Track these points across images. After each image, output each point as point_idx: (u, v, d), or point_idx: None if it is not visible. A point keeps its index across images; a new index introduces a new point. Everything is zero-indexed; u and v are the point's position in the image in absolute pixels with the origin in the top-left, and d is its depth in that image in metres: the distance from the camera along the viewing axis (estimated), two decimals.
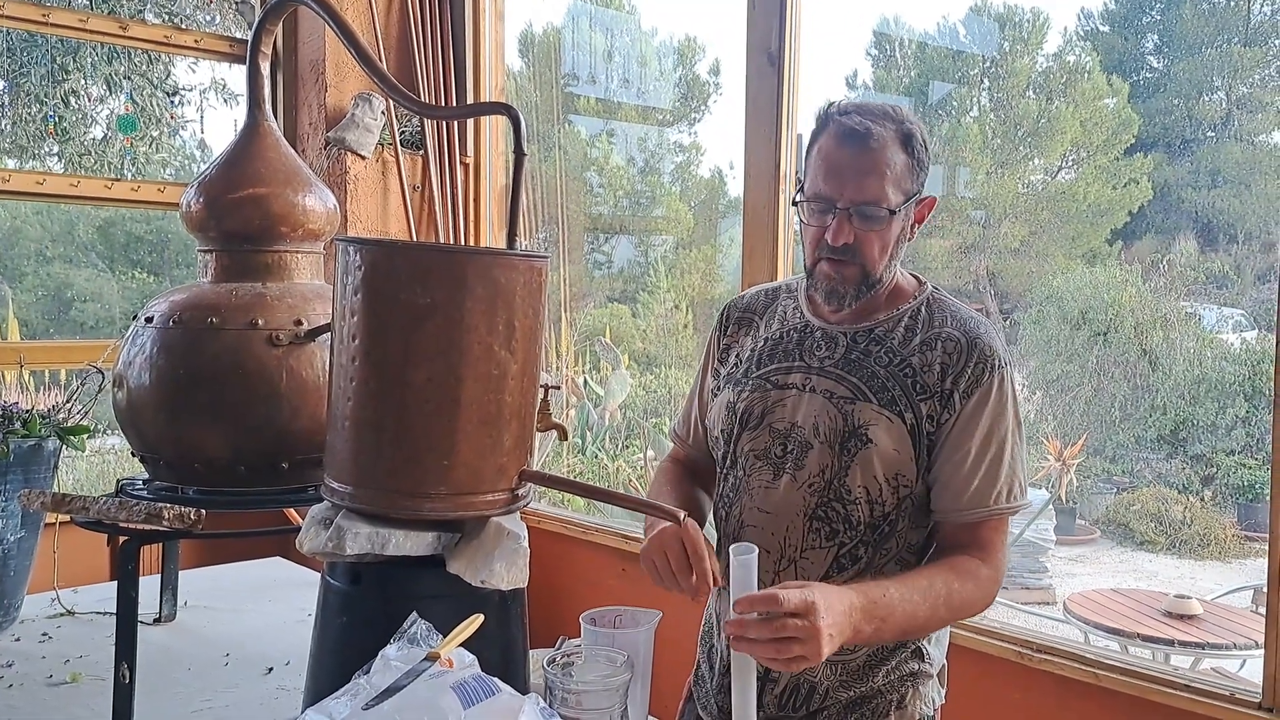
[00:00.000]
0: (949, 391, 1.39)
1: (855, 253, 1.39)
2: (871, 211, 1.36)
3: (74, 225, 8.48)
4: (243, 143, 1.72)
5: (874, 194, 1.35)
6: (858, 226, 1.37)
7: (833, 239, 1.38)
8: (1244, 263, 6.67)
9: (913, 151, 1.38)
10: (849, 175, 1.36)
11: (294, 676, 1.71)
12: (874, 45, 7.57)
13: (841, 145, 1.37)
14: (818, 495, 1.41)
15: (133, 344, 1.65)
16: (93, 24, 3.13)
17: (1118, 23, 7.40)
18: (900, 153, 1.37)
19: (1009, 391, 1.42)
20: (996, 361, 1.41)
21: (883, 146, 1.36)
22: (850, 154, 1.36)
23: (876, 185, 1.35)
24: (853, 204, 1.36)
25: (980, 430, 1.39)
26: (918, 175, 1.40)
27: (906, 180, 1.38)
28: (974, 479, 1.38)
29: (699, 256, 7.59)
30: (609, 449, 5.94)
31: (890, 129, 1.37)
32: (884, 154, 1.35)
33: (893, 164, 1.36)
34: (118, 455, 5.46)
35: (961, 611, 1.38)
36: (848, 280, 1.41)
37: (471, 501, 1.29)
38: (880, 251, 1.40)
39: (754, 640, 1.18)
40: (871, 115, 1.38)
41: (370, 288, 1.25)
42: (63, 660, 1.79)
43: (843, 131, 1.37)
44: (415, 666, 1.04)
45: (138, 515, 1.50)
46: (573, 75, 6.98)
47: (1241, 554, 5.82)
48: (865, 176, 1.35)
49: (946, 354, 1.41)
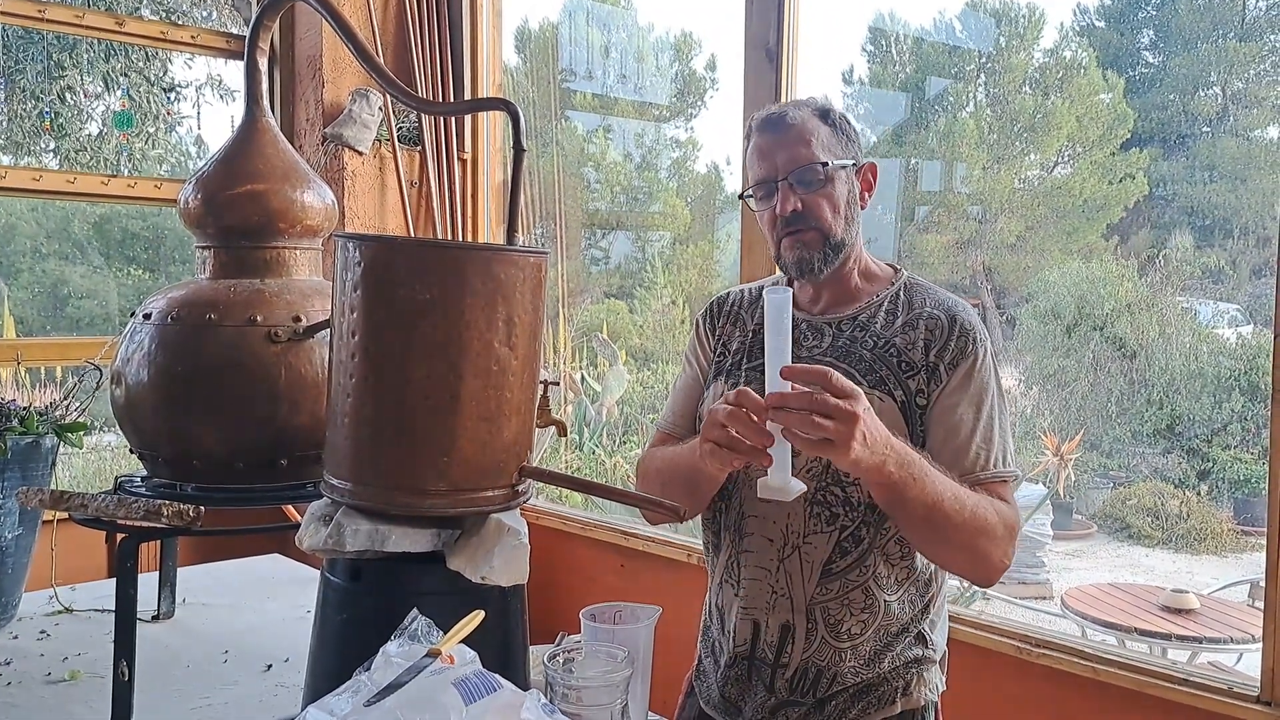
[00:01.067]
0: (934, 364, 1.43)
1: (808, 218, 1.45)
2: (808, 175, 1.45)
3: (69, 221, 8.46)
4: (241, 139, 1.72)
5: (805, 157, 1.45)
6: (801, 193, 1.45)
7: (781, 208, 1.45)
8: (1239, 257, 6.68)
9: (833, 123, 1.49)
10: (776, 151, 1.46)
11: (293, 674, 1.71)
12: (870, 41, 7.57)
13: (763, 132, 1.49)
14: (816, 480, 1.43)
15: (131, 341, 1.65)
16: (89, 20, 3.12)
17: (1113, 18, 7.40)
18: (821, 124, 1.47)
19: (991, 364, 1.46)
20: (977, 335, 1.46)
21: (802, 121, 1.47)
22: (774, 135, 1.47)
23: (805, 151, 1.45)
24: (788, 172, 1.45)
25: (970, 398, 1.42)
26: (846, 144, 1.49)
27: (835, 147, 1.48)
28: (971, 445, 1.41)
29: (696, 252, 7.59)
30: (606, 445, 5.94)
31: (805, 109, 1.49)
32: (805, 125, 1.47)
33: (816, 132, 1.47)
34: (114, 452, 5.46)
35: (980, 528, 1.34)
36: (810, 245, 1.47)
37: (472, 498, 1.28)
38: (832, 211, 1.46)
39: (792, 410, 1.18)
40: (785, 105, 1.53)
41: (370, 284, 1.24)
42: (61, 658, 1.78)
43: (762, 122, 1.50)
44: (417, 663, 1.04)
45: (136, 512, 1.50)
46: (569, 71, 6.97)
47: (1238, 548, 5.84)
48: (793, 146, 1.45)
49: (929, 331, 1.45)
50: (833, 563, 1.44)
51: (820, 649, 1.45)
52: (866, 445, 1.19)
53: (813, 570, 1.44)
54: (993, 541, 1.36)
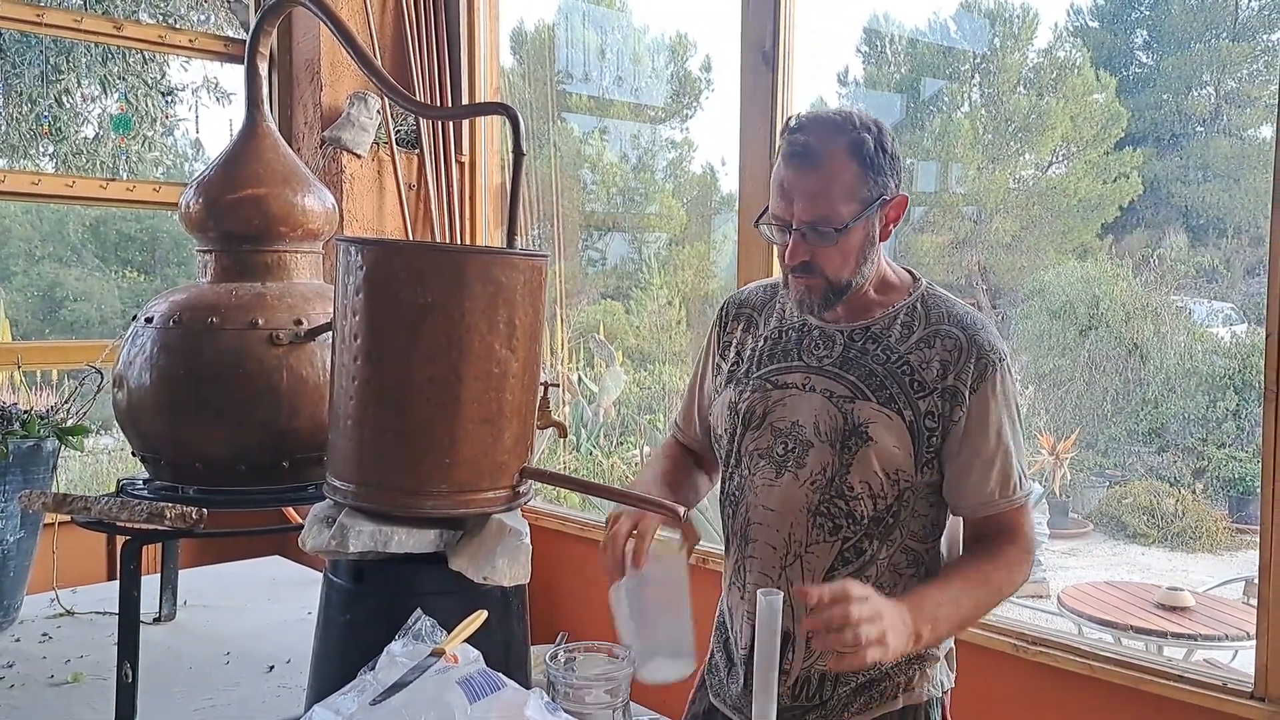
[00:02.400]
0: (953, 388, 1.41)
1: (815, 268, 1.41)
2: (821, 229, 1.38)
3: (64, 224, 8.45)
4: (241, 143, 1.73)
5: (821, 212, 1.37)
6: (812, 243, 1.40)
7: (789, 259, 1.41)
8: (1233, 256, 6.70)
9: (865, 159, 1.37)
10: (796, 196, 1.38)
11: (295, 675, 1.72)
12: (865, 42, 7.58)
13: (788, 166, 1.39)
14: (820, 492, 1.44)
15: (133, 344, 1.66)
16: (87, 24, 3.13)
17: (1107, 18, 7.42)
18: (850, 164, 1.36)
19: (1011, 386, 1.45)
20: (996, 356, 1.43)
21: (828, 162, 1.36)
22: (795, 175, 1.38)
23: (824, 204, 1.37)
24: (803, 224, 1.39)
25: (992, 427, 1.42)
26: (875, 181, 1.39)
27: (859, 189, 1.37)
28: (990, 474, 1.42)
29: (692, 253, 7.60)
30: (604, 446, 5.95)
31: (839, 142, 1.37)
32: (829, 169, 1.36)
33: (840, 178, 1.36)
34: (112, 456, 5.46)
35: (1003, 592, 1.44)
36: (813, 291, 1.44)
37: (473, 499, 1.30)
38: (841, 262, 1.41)
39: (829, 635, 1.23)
40: (819, 131, 1.38)
41: (372, 287, 1.26)
42: (63, 660, 1.79)
43: (789, 152, 1.39)
44: (421, 662, 1.05)
45: (139, 515, 1.51)
46: (566, 73, 6.98)
47: (1233, 546, 5.86)
48: (812, 198, 1.37)
49: (946, 351, 1.43)
50: (834, 572, 1.45)
51: (822, 656, 1.46)
52: (884, 645, 1.24)
53: (814, 579, 1.45)
54: (1014, 585, 1.46)
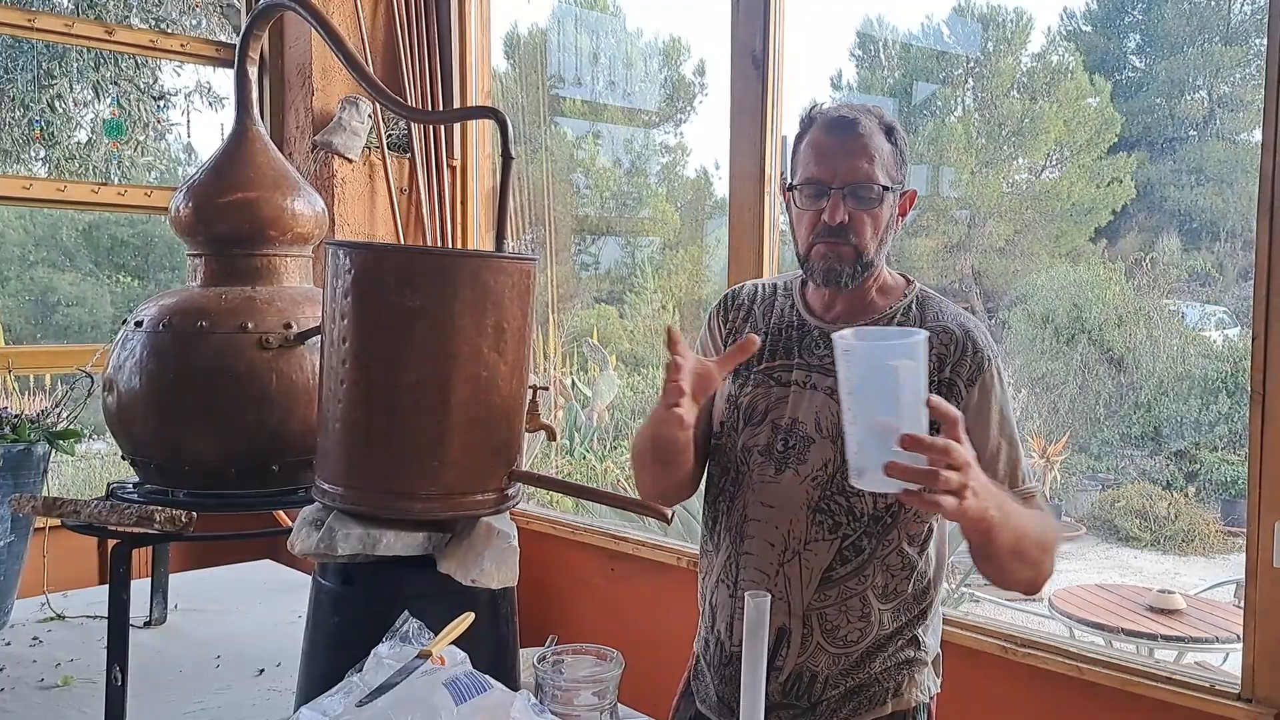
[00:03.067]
0: (950, 380, 1.43)
1: (850, 231, 1.44)
2: (864, 191, 1.43)
3: (58, 229, 8.43)
4: (231, 147, 1.73)
5: (866, 174, 1.43)
6: (851, 207, 1.43)
7: (830, 217, 1.43)
8: (1226, 260, 6.73)
9: (895, 142, 1.47)
10: (841, 158, 1.43)
11: (285, 677, 1.72)
12: (858, 46, 7.60)
13: (831, 133, 1.45)
14: (820, 489, 1.44)
15: (123, 348, 1.66)
16: (78, 29, 3.13)
17: (1100, 22, 7.45)
18: (885, 141, 1.46)
19: (1004, 382, 1.47)
20: (990, 353, 1.46)
21: (871, 133, 1.44)
22: (840, 139, 1.44)
23: (867, 167, 1.43)
24: (846, 184, 1.42)
25: (993, 416, 1.44)
26: (901, 166, 1.47)
27: (892, 168, 1.46)
28: (999, 461, 1.43)
29: (685, 257, 7.61)
30: (597, 450, 5.95)
31: (874, 120, 1.46)
32: (872, 139, 1.44)
33: (880, 149, 1.44)
34: (104, 460, 5.44)
35: (1046, 547, 1.37)
36: (844, 259, 1.45)
37: (461, 501, 1.30)
38: (873, 232, 1.45)
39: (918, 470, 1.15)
40: (856, 109, 1.47)
41: (360, 291, 1.26)
42: (54, 664, 1.79)
43: (831, 120, 1.46)
44: (408, 664, 1.05)
45: (129, 518, 1.51)
46: (558, 77, 6.99)
47: (1225, 549, 5.87)
48: (856, 158, 1.43)
49: (943, 345, 1.45)
50: (833, 570, 1.45)
51: (814, 654, 1.47)
52: (976, 496, 1.20)
53: (812, 576, 1.46)
54: (1050, 557, 1.41)
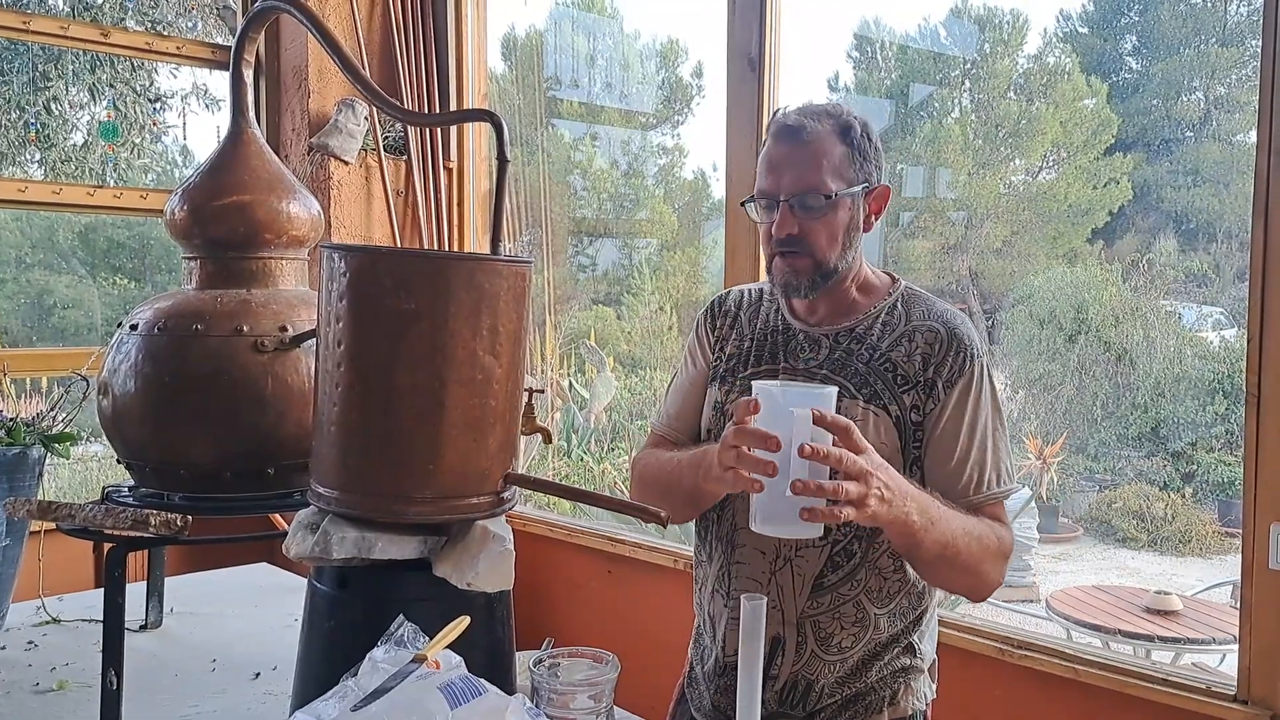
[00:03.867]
0: (931, 381, 1.42)
1: (803, 244, 1.42)
2: (810, 200, 1.40)
3: (54, 231, 8.42)
4: (227, 150, 1.73)
5: (810, 183, 1.40)
6: (800, 217, 1.41)
7: (777, 231, 1.42)
8: (1223, 261, 6.74)
9: (851, 142, 1.43)
10: (785, 168, 1.42)
11: (281, 681, 1.71)
12: (855, 47, 7.61)
13: (778, 142, 1.43)
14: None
15: (118, 351, 1.65)
16: (74, 31, 3.13)
17: (1096, 24, 7.46)
18: (838, 144, 1.42)
19: (988, 380, 1.46)
20: (975, 352, 1.45)
21: (817, 139, 1.41)
22: (786, 149, 1.42)
23: (813, 175, 1.40)
24: (791, 195, 1.41)
25: (966, 419, 1.42)
26: (860, 165, 1.43)
27: (846, 169, 1.42)
28: (966, 466, 1.42)
29: (683, 258, 7.62)
30: (594, 452, 5.95)
31: (828, 124, 1.42)
32: (818, 145, 1.41)
33: (829, 154, 1.41)
34: (100, 463, 5.43)
35: (984, 554, 1.37)
36: (800, 272, 1.44)
37: (457, 505, 1.30)
38: (829, 241, 1.43)
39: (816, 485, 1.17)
40: (809, 113, 1.44)
41: (355, 294, 1.26)
42: (49, 668, 1.78)
43: (778, 129, 1.44)
44: (403, 668, 1.05)
45: (124, 522, 1.50)
46: (555, 79, 6.99)
47: (1222, 550, 5.88)
48: (801, 167, 1.40)
49: (927, 344, 1.44)
50: (824, 576, 1.44)
51: (810, 662, 1.46)
52: (885, 501, 1.21)
53: (804, 584, 1.45)
54: (994, 565, 1.40)
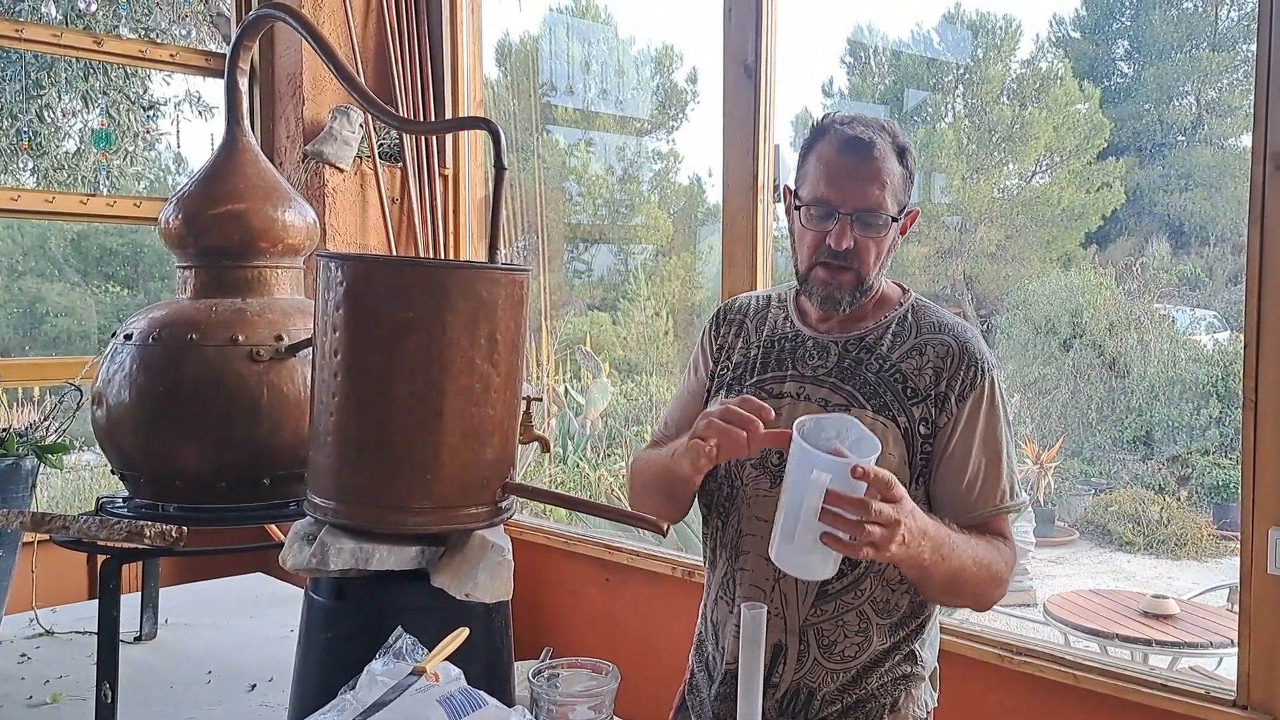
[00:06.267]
0: (943, 395, 1.43)
1: (853, 258, 1.42)
2: (872, 219, 1.40)
3: (46, 239, 8.40)
4: (221, 158, 1.72)
5: (876, 201, 1.40)
6: (858, 233, 1.41)
7: (836, 243, 1.41)
8: (1216, 265, 6.76)
9: (906, 164, 1.44)
10: (852, 182, 1.40)
11: (277, 693, 1.70)
12: (849, 53, 7.63)
13: (844, 153, 1.41)
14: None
15: (112, 361, 1.64)
16: (67, 39, 3.11)
17: (1088, 29, 7.49)
18: (897, 164, 1.43)
19: (1000, 394, 1.46)
20: (986, 365, 1.45)
21: (884, 157, 1.41)
22: (853, 162, 1.41)
23: (878, 193, 1.40)
24: (856, 210, 1.40)
25: (979, 434, 1.43)
26: (908, 187, 1.45)
27: (901, 192, 1.43)
28: (978, 482, 1.42)
29: (678, 264, 7.62)
30: (590, 458, 5.94)
31: (888, 141, 1.43)
32: (884, 164, 1.41)
33: (892, 174, 1.41)
34: (94, 473, 5.41)
35: (991, 579, 1.39)
36: (843, 286, 1.44)
37: (455, 515, 1.29)
38: (876, 259, 1.44)
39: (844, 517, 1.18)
40: (871, 127, 1.43)
41: (352, 303, 1.25)
42: (43, 681, 1.77)
43: (845, 140, 1.42)
44: (401, 681, 1.04)
45: (118, 533, 1.49)
46: (550, 85, 6.99)
47: (1217, 553, 5.89)
48: (868, 184, 1.40)
49: (939, 358, 1.44)
50: (829, 584, 1.43)
51: (812, 670, 1.45)
52: (905, 544, 1.22)
53: (808, 591, 1.44)
54: (999, 585, 1.41)
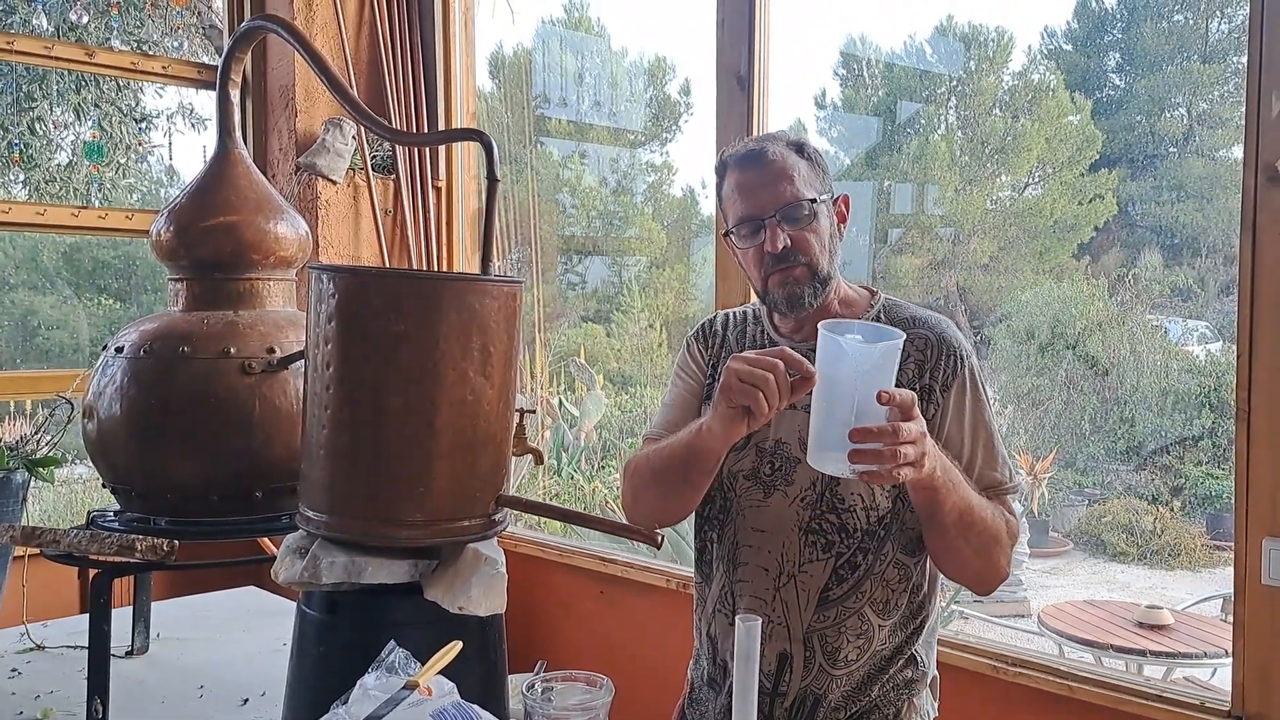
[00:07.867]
0: (928, 387, 1.44)
1: (796, 253, 1.45)
2: (795, 212, 1.44)
3: (38, 251, 8.37)
4: (213, 170, 1.72)
5: (790, 195, 1.44)
6: (789, 230, 1.45)
7: (771, 246, 1.44)
8: (1207, 275, 6.79)
9: (808, 156, 1.49)
10: (762, 187, 1.45)
11: (270, 707, 1.69)
12: (842, 65, 7.67)
13: (745, 169, 1.48)
14: (810, 509, 1.44)
15: (103, 374, 1.64)
16: (58, 51, 3.11)
17: (1080, 41, 7.53)
18: (798, 157, 1.48)
19: (980, 379, 1.48)
20: (964, 353, 1.48)
21: (781, 155, 1.47)
22: (755, 172, 1.47)
23: (789, 187, 1.45)
24: (776, 210, 1.44)
25: (968, 421, 1.45)
26: (822, 178, 1.49)
27: (814, 180, 1.48)
28: (975, 467, 1.44)
29: (672, 275, 7.64)
30: (585, 470, 5.94)
31: (780, 142, 1.49)
32: (785, 160, 1.46)
33: (796, 166, 1.47)
34: (85, 486, 5.38)
35: (996, 534, 1.39)
36: (800, 280, 1.46)
37: (448, 528, 1.28)
38: (820, 247, 1.47)
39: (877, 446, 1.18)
40: (761, 139, 1.51)
41: (344, 316, 1.25)
42: (33, 696, 1.75)
43: (741, 157, 1.49)
44: (394, 695, 1.03)
45: (109, 547, 1.48)
46: (544, 97, 7.01)
47: (1211, 563, 5.90)
48: (777, 183, 1.45)
49: (919, 351, 1.46)
50: (829, 590, 1.44)
51: (818, 677, 1.45)
52: (919, 467, 1.22)
53: (809, 598, 1.45)
54: (1002, 549, 1.42)
